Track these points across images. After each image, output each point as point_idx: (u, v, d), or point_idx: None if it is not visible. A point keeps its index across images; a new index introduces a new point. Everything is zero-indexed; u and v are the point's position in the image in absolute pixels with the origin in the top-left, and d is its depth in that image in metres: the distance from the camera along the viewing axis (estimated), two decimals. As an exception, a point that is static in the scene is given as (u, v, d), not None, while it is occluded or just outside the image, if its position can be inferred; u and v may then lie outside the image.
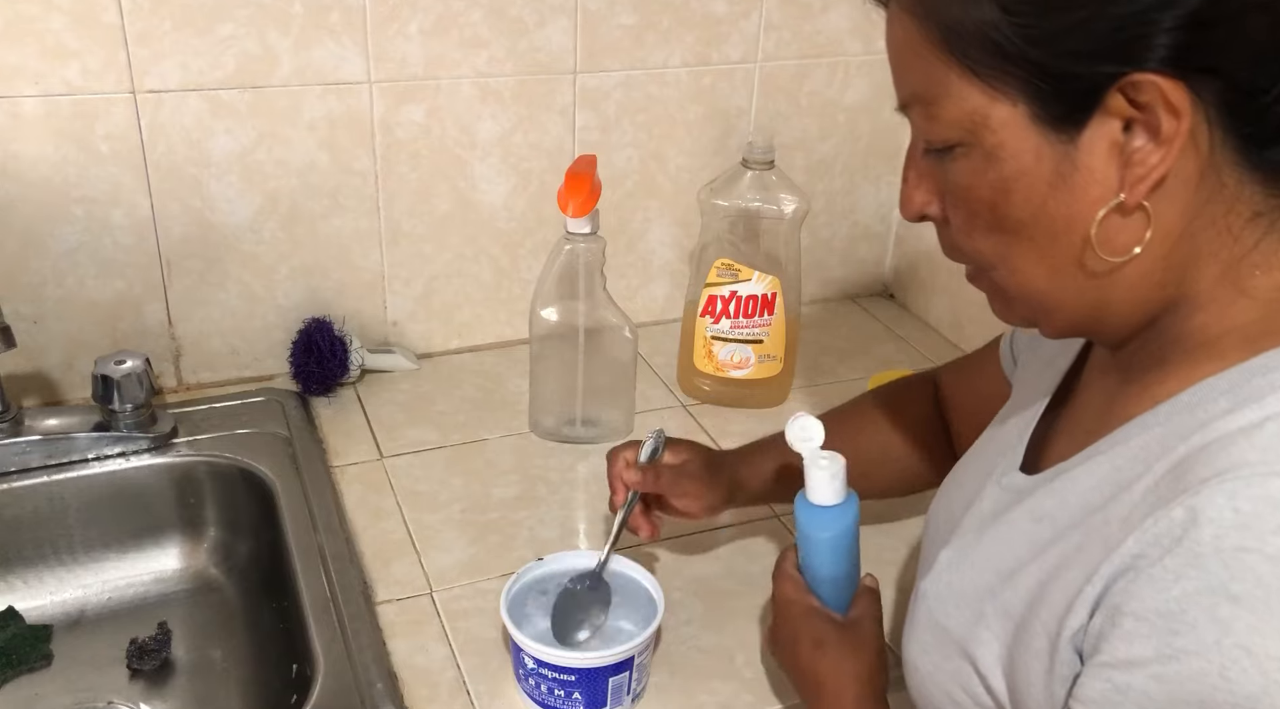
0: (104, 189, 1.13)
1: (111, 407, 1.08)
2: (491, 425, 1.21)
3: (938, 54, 0.59)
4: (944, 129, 0.61)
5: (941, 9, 0.59)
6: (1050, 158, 0.58)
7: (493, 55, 1.22)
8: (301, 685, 0.90)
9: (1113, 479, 0.61)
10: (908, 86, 0.63)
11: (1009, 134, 0.58)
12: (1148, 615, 0.54)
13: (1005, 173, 0.59)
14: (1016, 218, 0.60)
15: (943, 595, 0.71)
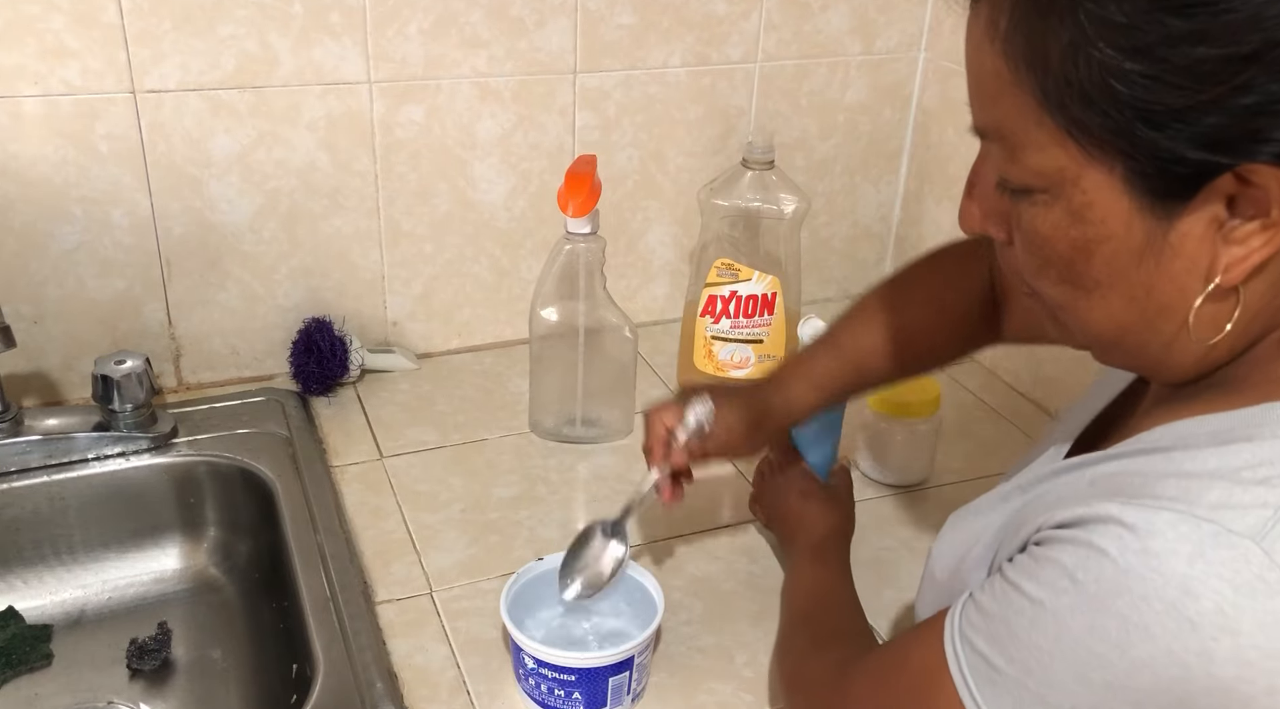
0: (104, 189, 1.13)
1: (111, 407, 1.08)
2: (491, 425, 1.21)
3: (1032, 102, 0.55)
4: (1026, 175, 0.57)
5: (1043, 59, 0.54)
6: (1142, 229, 0.55)
7: (493, 55, 1.22)
8: (301, 685, 0.90)
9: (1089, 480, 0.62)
10: (989, 118, 0.59)
11: (1100, 197, 0.55)
12: (1015, 565, 0.60)
13: (1089, 235, 0.56)
14: (1094, 278, 0.58)
15: (943, 554, 0.74)
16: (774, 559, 1.03)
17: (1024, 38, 0.54)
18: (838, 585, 0.90)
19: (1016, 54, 0.55)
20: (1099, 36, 0.51)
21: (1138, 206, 0.54)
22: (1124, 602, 0.53)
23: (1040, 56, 0.54)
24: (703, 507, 1.10)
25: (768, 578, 1.01)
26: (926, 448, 1.14)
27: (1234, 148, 0.51)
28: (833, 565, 0.92)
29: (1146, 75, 0.51)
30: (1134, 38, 0.50)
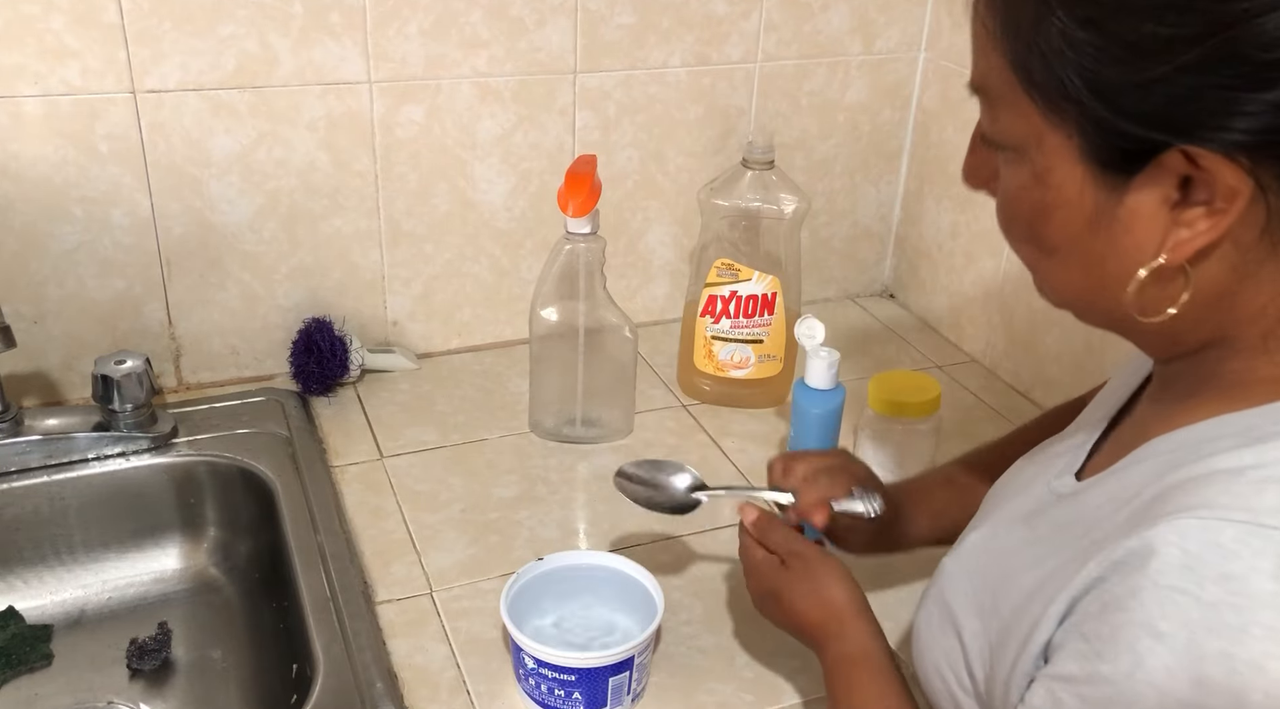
0: (104, 189, 1.13)
1: (111, 407, 1.08)
2: (491, 425, 1.21)
3: (1005, 63, 0.57)
4: (999, 132, 0.60)
5: (1016, 26, 0.56)
6: (1094, 198, 0.57)
7: (493, 55, 1.22)
8: (301, 685, 0.90)
9: (1116, 497, 0.61)
10: (978, 73, 0.61)
11: (1058, 162, 0.57)
12: (1087, 636, 0.55)
13: (1048, 198, 0.58)
14: (1052, 241, 0.60)
15: (955, 574, 0.72)
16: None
17: (1001, 3, 0.57)
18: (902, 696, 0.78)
19: (997, 16, 0.57)
20: (1059, 4, 0.53)
21: (1091, 176, 0.56)
22: (1223, 640, 0.49)
23: (1014, 20, 0.56)
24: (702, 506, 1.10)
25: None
26: (926, 448, 1.14)
27: (1174, 128, 0.52)
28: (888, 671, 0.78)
29: (1096, 46, 0.52)
30: (1088, 8, 0.52)
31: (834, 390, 1.00)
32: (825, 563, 0.84)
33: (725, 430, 1.22)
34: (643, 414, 1.23)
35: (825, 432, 1.01)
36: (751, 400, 1.26)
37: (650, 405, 1.26)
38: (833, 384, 1.00)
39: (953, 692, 0.69)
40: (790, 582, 0.84)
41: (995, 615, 0.65)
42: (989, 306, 1.36)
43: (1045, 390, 1.29)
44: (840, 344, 1.24)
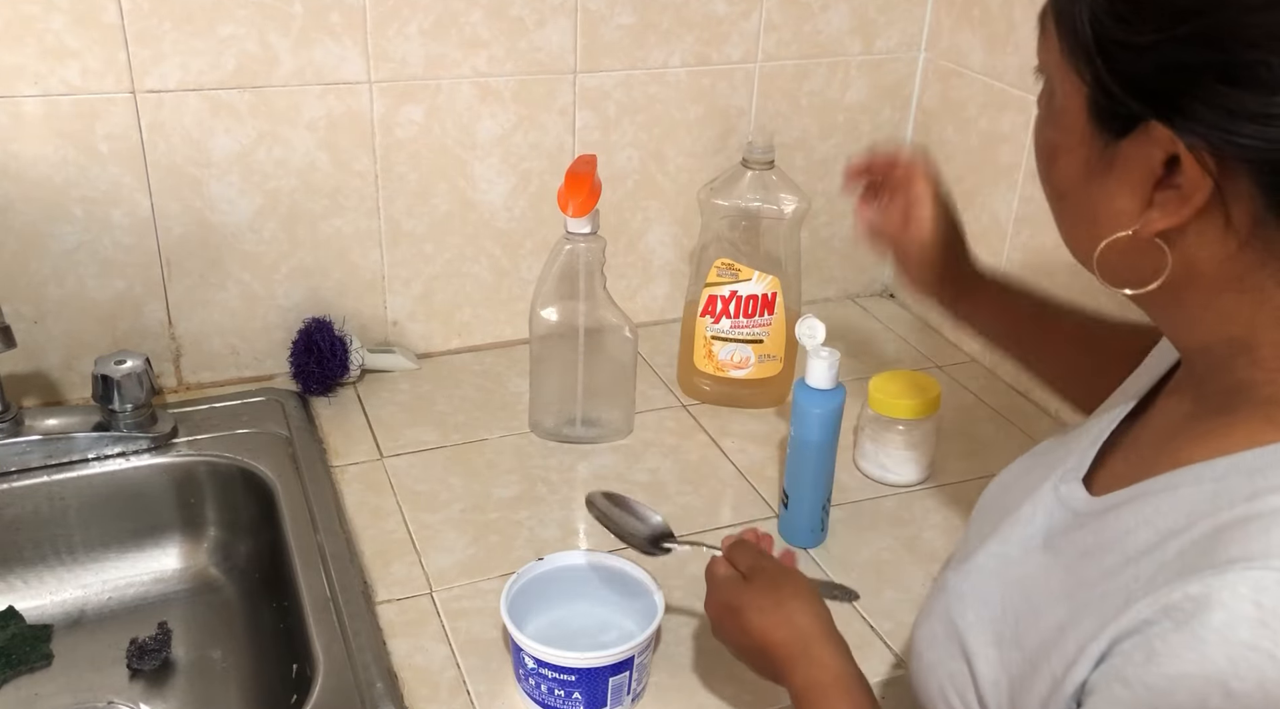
0: (104, 189, 1.13)
1: (111, 407, 1.08)
2: (491, 425, 1.21)
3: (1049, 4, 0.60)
4: (1041, 58, 0.62)
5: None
6: (1089, 150, 0.59)
7: (493, 55, 1.22)
8: (301, 685, 0.90)
9: (1153, 526, 0.58)
10: (1044, 5, 0.63)
11: (1069, 105, 0.59)
12: (1136, 685, 0.52)
13: (1056, 139, 0.61)
14: (1055, 184, 0.63)
15: (965, 597, 0.70)
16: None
17: None
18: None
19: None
20: None
21: (1091, 127, 0.58)
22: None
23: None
24: (703, 506, 1.10)
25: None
26: (926, 448, 1.14)
27: (1158, 102, 0.54)
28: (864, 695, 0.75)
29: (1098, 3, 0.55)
30: None
31: (834, 390, 1.00)
32: (791, 580, 0.80)
33: (725, 430, 1.22)
34: (643, 414, 1.24)
35: (825, 432, 1.01)
36: (752, 400, 1.26)
37: (650, 405, 1.26)
38: (833, 384, 1.00)
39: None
40: (752, 597, 0.79)
41: (1016, 647, 0.63)
42: (989, 306, 1.35)
43: (1046, 391, 1.28)
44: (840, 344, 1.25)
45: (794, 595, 0.79)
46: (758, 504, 1.11)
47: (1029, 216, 1.27)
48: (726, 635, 0.81)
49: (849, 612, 0.97)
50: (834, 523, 1.07)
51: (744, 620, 0.79)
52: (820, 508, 1.04)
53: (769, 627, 0.77)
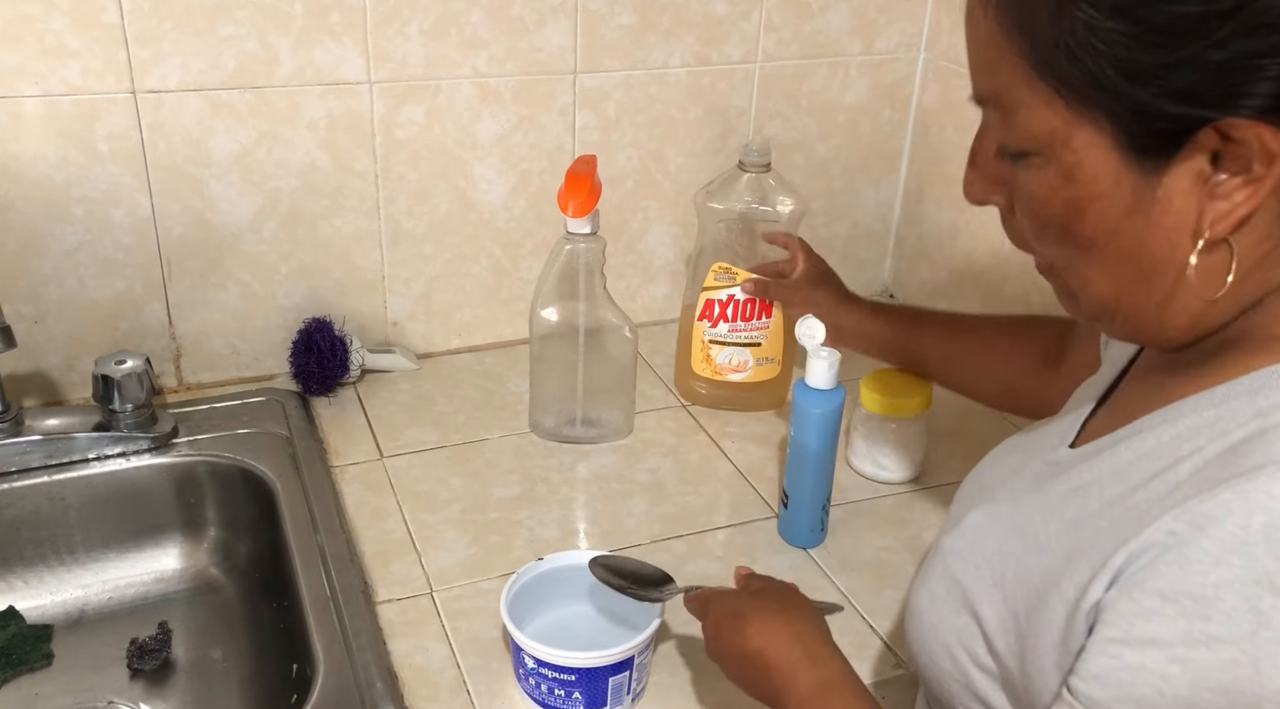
0: (104, 189, 1.13)
1: (112, 407, 1.08)
2: (491, 425, 1.21)
3: (1022, 65, 0.57)
4: (1020, 138, 0.59)
5: (1031, 22, 0.56)
6: (1130, 186, 0.56)
7: (493, 55, 1.22)
8: (301, 685, 0.90)
9: (1157, 454, 0.60)
10: (985, 84, 0.61)
11: (1089, 157, 0.57)
12: (1176, 596, 0.52)
13: (1080, 193, 0.58)
14: (1088, 236, 0.59)
15: (963, 552, 0.70)
16: (774, 559, 1.04)
17: (1014, 2, 0.56)
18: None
19: (1007, 19, 0.57)
20: None
21: (1125, 163, 0.56)
22: None
23: (1029, 19, 0.56)
24: (703, 507, 1.10)
25: (768, 578, 1.01)
26: (918, 445, 1.14)
27: (1213, 102, 0.52)
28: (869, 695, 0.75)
29: (1126, 34, 0.52)
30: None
31: (834, 390, 1.00)
32: (794, 596, 0.83)
33: (725, 431, 1.22)
34: (643, 414, 1.24)
35: (825, 432, 1.01)
36: (749, 404, 1.26)
37: (650, 405, 1.26)
38: (833, 384, 1.00)
39: (965, 670, 0.67)
40: (757, 604, 0.80)
41: (1020, 584, 0.64)
42: (989, 307, 1.35)
43: (1045, 390, 1.28)
44: (840, 344, 1.25)
45: (796, 606, 0.81)
46: (757, 504, 1.11)
47: (1029, 217, 1.27)
48: (725, 644, 0.79)
49: (849, 612, 0.97)
50: (833, 523, 1.07)
51: (746, 624, 0.78)
52: (820, 508, 1.04)
53: (769, 629, 0.77)
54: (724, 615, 0.80)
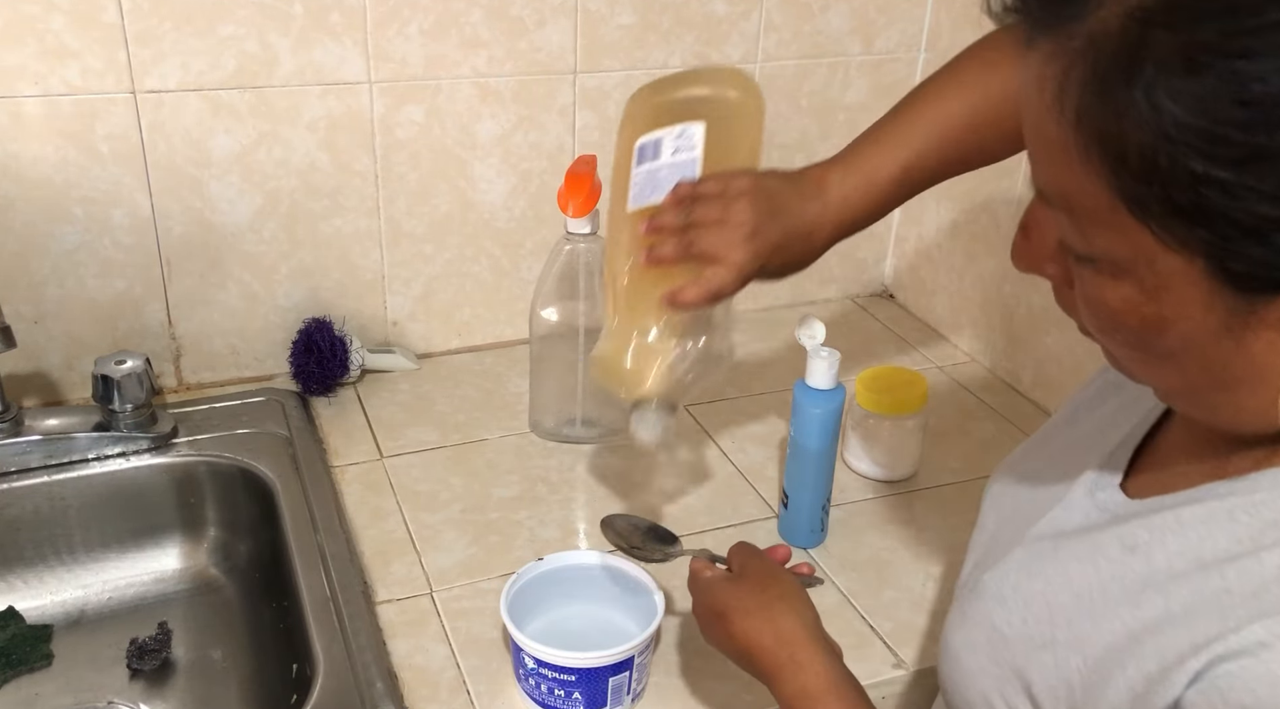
0: (104, 189, 1.13)
1: (111, 407, 1.08)
2: (491, 425, 1.21)
3: (1105, 188, 0.51)
4: (1093, 249, 0.54)
5: (1121, 151, 0.49)
6: (1223, 312, 0.51)
7: (493, 55, 1.22)
8: (301, 685, 0.90)
9: (1231, 534, 0.56)
10: (1053, 186, 0.54)
11: (1177, 281, 0.51)
12: None
13: (1164, 313, 0.53)
14: (1166, 348, 0.54)
15: (1007, 599, 0.67)
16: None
17: (1097, 121, 0.50)
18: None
19: (1088, 136, 0.50)
20: (1185, 143, 0.47)
21: (1219, 291, 0.51)
22: None
23: (1116, 147, 0.49)
24: (703, 506, 1.10)
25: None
26: (914, 443, 1.14)
27: None
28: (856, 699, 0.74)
29: (1241, 186, 0.47)
30: (1227, 149, 0.47)
31: (834, 390, 1.00)
32: (778, 580, 0.79)
33: (725, 430, 1.22)
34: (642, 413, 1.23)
35: (825, 432, 1.01)
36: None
37: (650, 405, 1.26)
38: (833, 384, 1.00)
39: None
40: (737, 599, 0.77)
41: (1075, 652, 0.61)
42: (989, 306, 1.36)
43: (1045, 390, 1.29)
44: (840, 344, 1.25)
45: (780, 597, 0.78)
46: (757, 504, 1.11)
47: (1029, 217, 1.27)
48: (714, 640, 0.80)
49: (849, 612, 0.97)
50: (833, 523, 1.07)
51: (729, 624, 0.77)
52: (820, 508, 1.04)
53: (753, 630, 0.76)
54: (708, 613, 0.80)
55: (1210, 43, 0.46)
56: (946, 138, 0.86)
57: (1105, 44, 0.49)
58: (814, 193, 0.85)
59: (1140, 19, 0.48)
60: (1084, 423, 0.75)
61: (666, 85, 0.92)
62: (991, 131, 0.86)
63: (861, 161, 0.87)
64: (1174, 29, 0.47)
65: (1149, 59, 0.47)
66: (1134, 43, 0.48)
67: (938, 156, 0.87)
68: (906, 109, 0.88)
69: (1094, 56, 0.49)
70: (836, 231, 0.88)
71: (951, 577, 1.01)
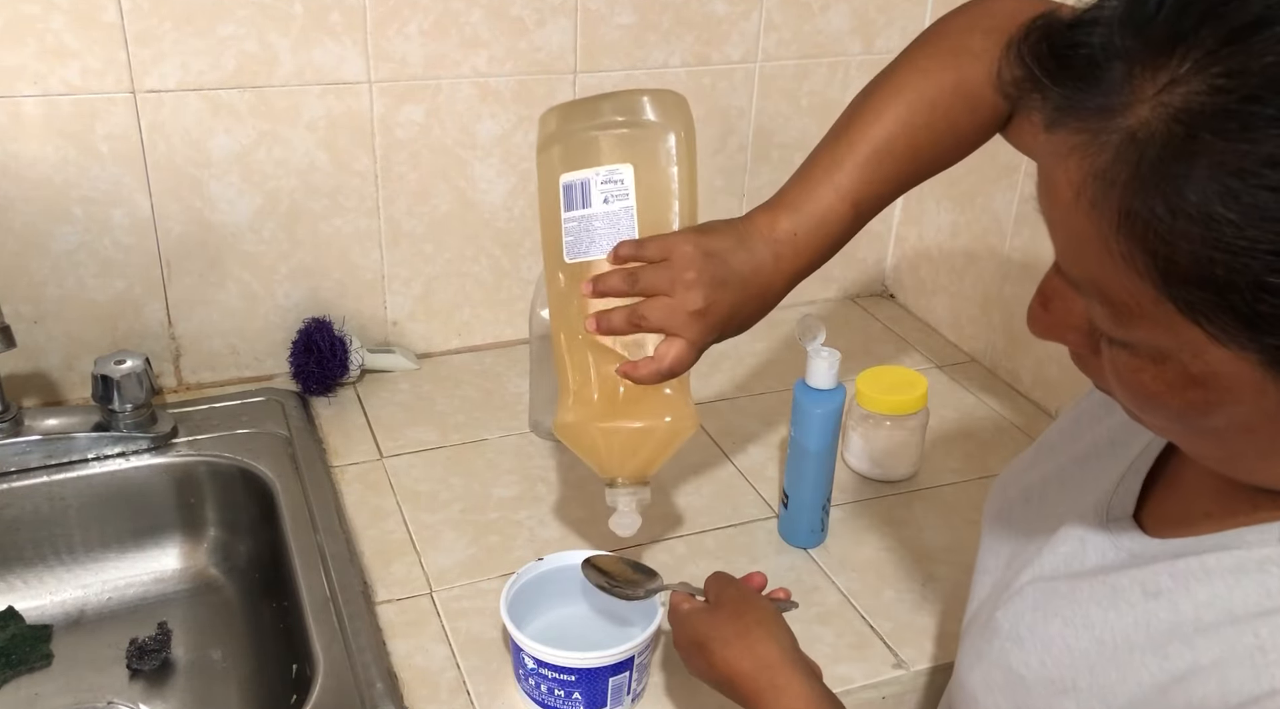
0: (104, 189, 1.13)
1: (111, 407, 1.08)
2: (491, 425, 1.21)
3: (1147, 286, 0.48)
4: (1130, 337, 0.51)
5: (1170, 255, 0.46)
6: (1276, 397, 0.49)
7: (493, 55, 1.22)
8: (301, 685, 0.90)
9: (1263, 586, 0.54)
10: (1083, 274, 0.51)
11: (1226, 370, 0.49)
12: None
13: (1210, 398, 0.50)
14: (1211, 428, 0.52)
15: (1024, 640, 0.65)
16: (774, 559, 1.04)
17: (1142, 226, 0.46)
18: None
19: (1130, 239, 0.47)
20: (1248, 253, 0.44)
21: (1273, 380, 0.48)
22: None
23: (1165, 252, 0.46)
24: (703, 506, 1.10)
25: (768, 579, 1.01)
26: (914, 443, 1.14)
27: None
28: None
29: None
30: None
31: (835, 390, 1.00)
32: (754, 608, 0.79)
33: (725, 430, 1.22)
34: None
35: (825, 432, 1.01)
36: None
37: (650, 405, 1.26)
38: (833, 384, 1.00)
39: None
40: (715, 628, 0.78)
41: (1099, 700, 0.60)
42: (989, 306, 1.36)
43: (1045, 390, 1.29)
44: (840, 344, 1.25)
45: (756, 623, 0.78)
46: (757, 504, 1.11)
47: (1029, 216, 1.27)
48: (696, 670, 0.80)
49: (849, 612, 0.97)
50: (833, 523, 1.07)
51: (709, 654, 0.77)
52: (820, 508, 1.04)
53: (732, 658, 0.76)
54: (688, 645, 0.80)
55: (1267, 154, 0.43)
56: (893, 163, 0.83)
57: (1150, 146, 0.45)
58: (763, 247, 0.82)
59: (1187, 123, 0.45)
60: (1087, 436, 0.73)
61: (586, 110, 0.88)
62: (938, 148, 0.83)
63: (809, 203, 0.83)
64: (1227, 137, 0.44)
65: (1201, 166, 0.44)
66: (1184, 149, 0.45)
67: (886, 184, 0.83)
68: (849, 132, 0.83)
69: (1137, 158, 0.46)
70: (792, 281, 0.85)
71: (952, 577, 1.01)
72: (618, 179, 0.84)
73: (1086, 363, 0.57)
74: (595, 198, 0.84)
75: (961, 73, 0.80)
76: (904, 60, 0.84)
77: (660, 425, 0.83)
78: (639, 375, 0.79)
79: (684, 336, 0.78)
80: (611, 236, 0.83)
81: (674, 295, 0.78)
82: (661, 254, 0.79)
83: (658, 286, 0.78)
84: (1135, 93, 0.46)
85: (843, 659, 0.92)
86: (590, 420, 0.83)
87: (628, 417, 0.83)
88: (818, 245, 0.84)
